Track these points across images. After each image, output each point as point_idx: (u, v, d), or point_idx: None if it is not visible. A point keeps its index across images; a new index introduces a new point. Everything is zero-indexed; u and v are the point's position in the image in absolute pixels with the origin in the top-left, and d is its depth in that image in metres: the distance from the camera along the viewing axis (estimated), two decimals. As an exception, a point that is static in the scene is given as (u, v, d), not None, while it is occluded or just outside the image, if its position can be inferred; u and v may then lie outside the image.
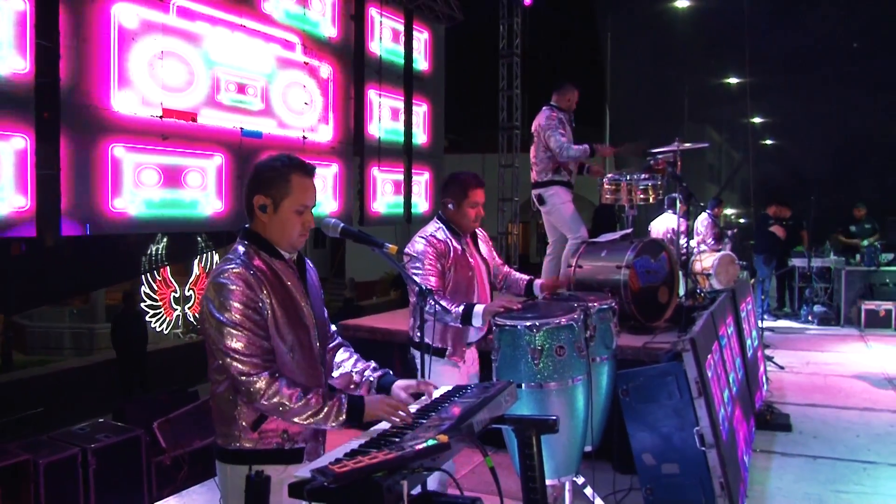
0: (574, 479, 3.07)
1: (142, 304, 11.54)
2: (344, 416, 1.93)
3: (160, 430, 5.56)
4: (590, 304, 3.14)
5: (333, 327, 2.37)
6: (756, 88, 14.05)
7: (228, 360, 1.89)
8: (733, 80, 14.98)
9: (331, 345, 2.31)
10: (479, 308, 3.02)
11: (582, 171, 5.20)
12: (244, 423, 1.98)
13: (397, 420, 1.93)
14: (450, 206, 3.22)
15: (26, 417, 7.67)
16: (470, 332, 3.24)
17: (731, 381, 3.91)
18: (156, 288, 12.17)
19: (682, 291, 5.20)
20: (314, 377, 2.07)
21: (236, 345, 1.89)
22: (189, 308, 12.92)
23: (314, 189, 2.07)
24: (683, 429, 3.09)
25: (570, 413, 2.89)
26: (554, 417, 2.22)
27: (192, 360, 11.45)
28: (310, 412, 1.91)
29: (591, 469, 3.19)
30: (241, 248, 2.03)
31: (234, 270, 1.93)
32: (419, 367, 3.17)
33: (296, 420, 1.92)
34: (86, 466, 4.82)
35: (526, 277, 3.56)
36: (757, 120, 15.42)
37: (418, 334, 3.22)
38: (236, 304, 1.90)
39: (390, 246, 2.21)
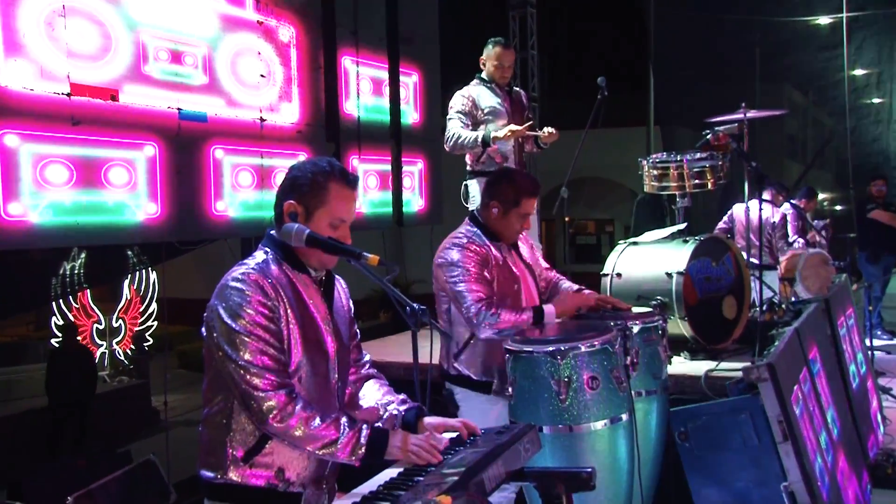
0: (620, 549, 3.10)
1: (52, 341, 11.38)
2: (363, 451, 2.12)
3: (77, 508, 5.57)
4: (630, 323, 3.18)
5: (368, 356, 2.60)
6: (856, 29, 13.79)
7: (241, 372, 2.10)
8: (823, 20, 14.71)
9: (356, 377, 2.52)
10: (549, 308, 3.18)
11: (539, 147, 5.20)
12: (234, 454, 2.18)
13: (422, 461, 2.11)
14: (494, 210, 3.38)
15: None
16: None
17: (829, 420, 3.88)
18: (72, 318, 12.17)
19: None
20: (325, 410, 2.21)
21: (249, 356, 2.10)
22: (118, 343, 12.81)
23: (354, 202, 2.35)
24: (766, 484, 3.10)
25: (609, 463, 2.93)
26: (589, 469, 2.27)
27: (122, 410, 11.41)
28: (325, 441, 2.10)
29: (641, 536, 3.22)
30: (260, 255, 2.29)
31: (250, 274, 2.18)
32: (458, 404, 3.29)
33: (308, 448, 2.12)
34: (-41, 573, 4.67)
35: (576, 287, 3.66)
36: (858, 72, 15.08)
37: (454, 365, 3.37)
38: (250, 311, 2.12)
39: (370, 256, 2.26)
